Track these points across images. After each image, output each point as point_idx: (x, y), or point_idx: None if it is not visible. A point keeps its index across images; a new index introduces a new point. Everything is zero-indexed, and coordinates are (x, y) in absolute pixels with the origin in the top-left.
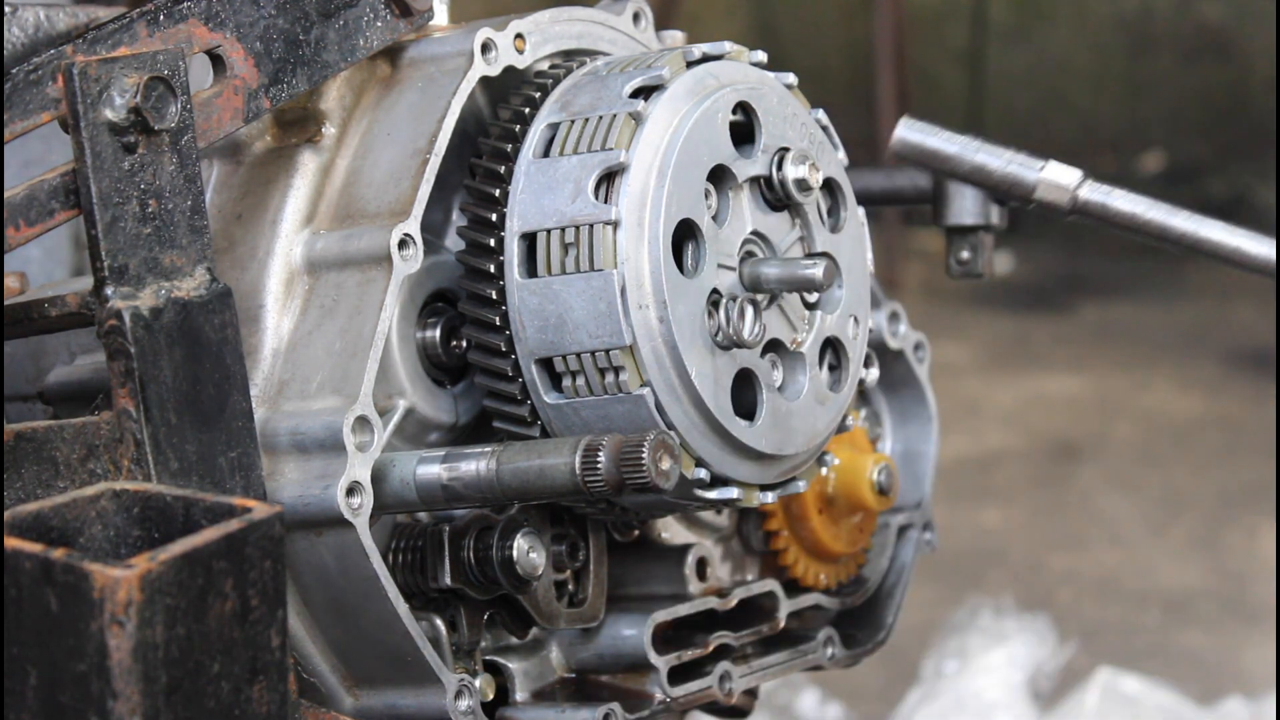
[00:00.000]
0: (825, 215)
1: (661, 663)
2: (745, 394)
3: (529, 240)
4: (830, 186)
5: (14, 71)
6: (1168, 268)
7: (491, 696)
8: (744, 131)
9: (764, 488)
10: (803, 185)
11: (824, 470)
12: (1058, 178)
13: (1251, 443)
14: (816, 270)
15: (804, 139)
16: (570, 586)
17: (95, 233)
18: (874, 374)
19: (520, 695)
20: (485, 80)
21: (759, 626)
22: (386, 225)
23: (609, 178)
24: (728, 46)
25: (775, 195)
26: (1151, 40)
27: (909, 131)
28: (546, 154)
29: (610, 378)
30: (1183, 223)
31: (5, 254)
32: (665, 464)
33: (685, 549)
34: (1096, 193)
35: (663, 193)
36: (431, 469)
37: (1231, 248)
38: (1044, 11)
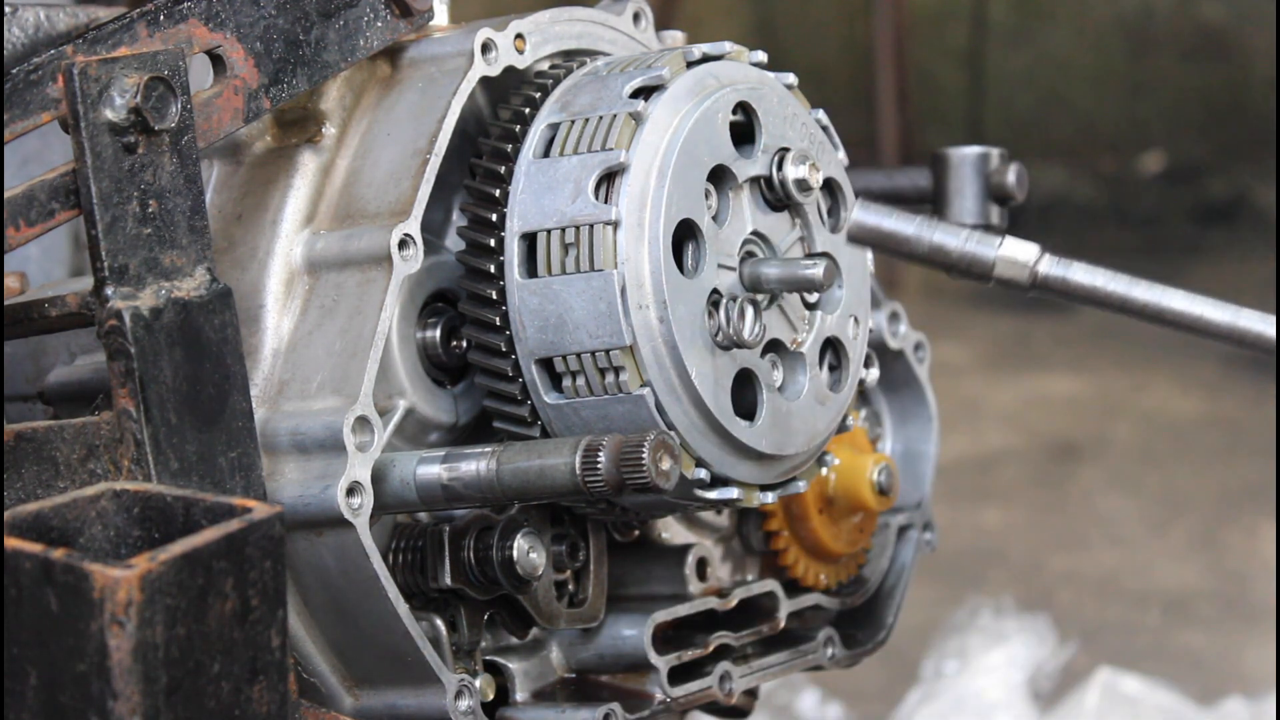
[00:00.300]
0: (825, 215)
1: (661, 663)
2: (745, 394)
3: (529, 240)
4: (830, 186)
5: (14, 71)
6: (1167, 269)
7: (491, 696)
8: (744, 131)
9: (764, 488)
10: (803, 185)
11: (824, 470)
12: (1015, 254)
13: (1251, 443)
14: (816, 270)
15: (804, 139)
16: (570, 586)
17: (95, 233)
18: (874, 374)
19: (520, 695)
20: (485, 80)
21: (759, 626)
22: (387, 225)
23: (609, 178)
24: (728, 47)
25: (775, 195)
26: (1151, 40)
27: (865, 215)
28: (547, 154)
29: (610, 378)
30: (1144, 293)
31: (5, 254)
32: (665, 464)
33: (685, 549)
34: (1056, 267)
35: (663, 193)
36: (431, 469)
37: (1194, 316)
38: (1044, 11)
